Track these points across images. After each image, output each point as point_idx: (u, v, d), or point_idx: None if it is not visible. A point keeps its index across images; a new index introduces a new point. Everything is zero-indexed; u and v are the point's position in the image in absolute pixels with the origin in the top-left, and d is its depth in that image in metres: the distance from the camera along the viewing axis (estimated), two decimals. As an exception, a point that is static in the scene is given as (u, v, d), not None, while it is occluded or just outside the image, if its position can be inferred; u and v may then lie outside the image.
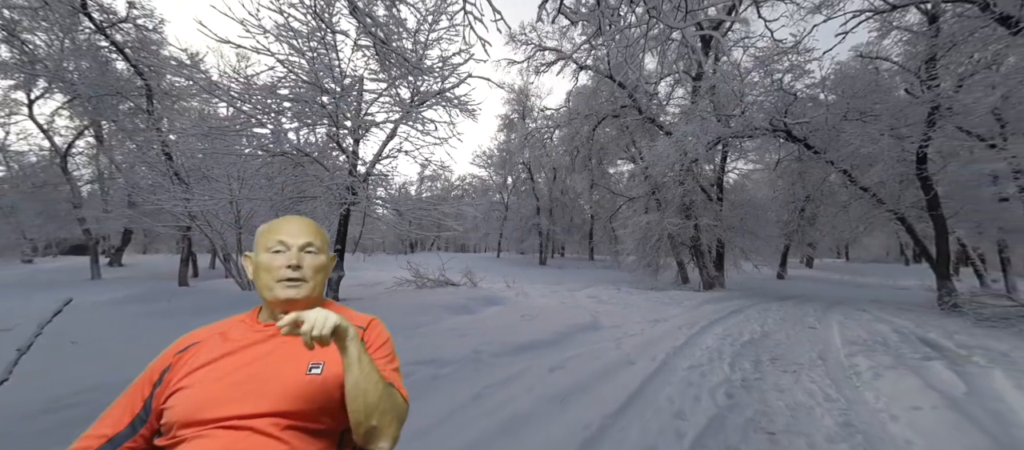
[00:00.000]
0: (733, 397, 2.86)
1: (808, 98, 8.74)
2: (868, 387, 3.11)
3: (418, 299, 6.74)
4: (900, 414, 2.49)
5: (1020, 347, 4.57)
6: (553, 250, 32.53)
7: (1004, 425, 2.39)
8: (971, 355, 4.19)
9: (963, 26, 6.56)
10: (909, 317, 6.65)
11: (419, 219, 7.08)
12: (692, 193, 11.45)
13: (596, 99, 13.93)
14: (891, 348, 4.44)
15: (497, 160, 25.55)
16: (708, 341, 4.67)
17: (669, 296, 9.01)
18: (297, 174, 6.37)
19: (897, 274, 20.11)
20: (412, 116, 6.95)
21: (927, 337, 5.20)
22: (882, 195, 8.91)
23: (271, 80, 5.71)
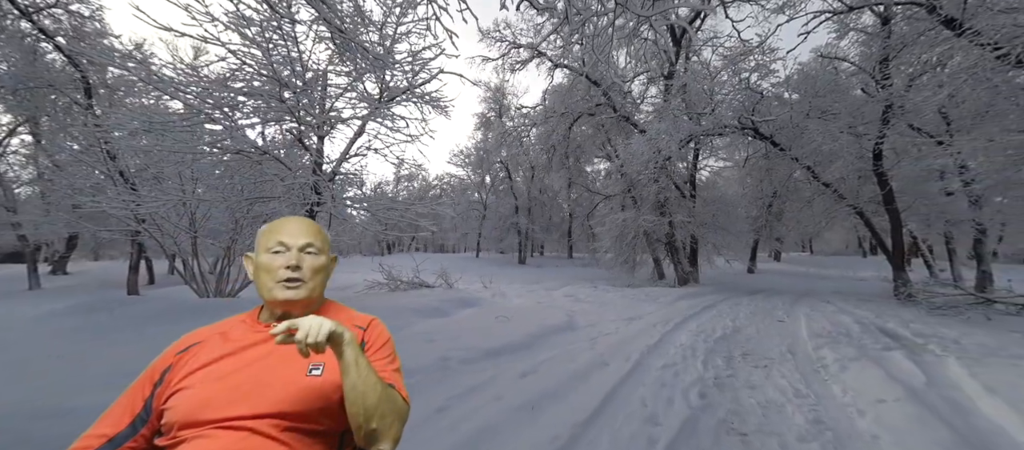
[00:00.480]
0: (706, 397, 2.81)
1: (774, 97, 9.01)
2: (835, 380, 3.14)
3: (389, 302, 6.47)
4: (866, 408, 2.50)
5: (968, 334, 4.81)
6: (532, 249, 32.59)
7: (963, 414, 2.43)
8: (927, 344, 4.35)
9: (912, 28, 6.89)
10: (869, 308, 6.93)
11: (392, 220, 6.80)
12: (666, 190, 11.63)
13: (572, 97, 13.94)
14: (854, 339, 4.57)
15: (474, 159, 25.27)
16: (682, 338, 4.66)
17: (645, 293, 9.08)
18: (256, 173, 5.96)
19: (856, 266, 21.26)
20: (381, 112, 6.66)
21: (886, 327, 5.41)
22: (843, 190, 9.30)
23: (224, 72, 5.30)
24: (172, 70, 5.01)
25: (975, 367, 3.22)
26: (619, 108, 12.24)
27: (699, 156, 13.30)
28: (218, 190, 6.18)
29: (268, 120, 5.87)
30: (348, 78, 6.41)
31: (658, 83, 13.72)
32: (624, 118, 12.41)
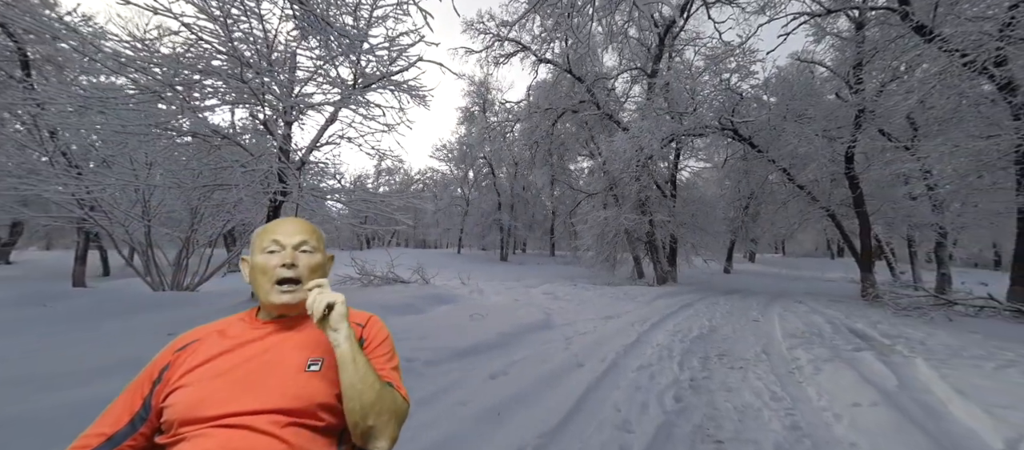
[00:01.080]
0: (681, 400, 2.69)
1: (753, 99, 9.11)
2: (810, 382, 3.09)
3: (361, 299, 6.17)
4: (842, 412, 2.43)
5: (933, 335, 4.93)
6: (515, 246, 32.50)
7: (936, 418, 2.39)
8: (895, 345, 4.41)
9: (884, 34, 7.04)
10: (839, 308, 7.09)
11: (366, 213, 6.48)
12: (647, 189, 11.66)
13: (556, 93, 13.80)
14: (826, 340, 4.60)
15: (457, 154, 24.85)
16: (659, 338, 4.58)
17: (624, 291, 9.05)
18: (215, 159, 5.54)
19: (825, 267, 22.08)
20: (354, 99, 6.33)
21: (855, 327, 5.50)
22: (816, 193, 9.51)
23: (179, 48, 4.86)
24: (117, 43, 4.55)
25: (943, 368, 3.23)
26: (603, 105, 12.18)
27: (680, 156, 13.41)
28: (173, 175, 5.71)
29: (229, 102, 5.47)
30: (319, 61, 6.05)
31: (641, 82, 13.76)
32: (607, 116, 12.37)
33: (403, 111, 7.01)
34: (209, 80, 4.82)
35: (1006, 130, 5.62)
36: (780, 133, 8.63)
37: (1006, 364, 3.41)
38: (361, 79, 6.53)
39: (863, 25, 7.58)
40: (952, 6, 5.68)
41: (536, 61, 13.53)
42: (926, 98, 6.21)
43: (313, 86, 6.34)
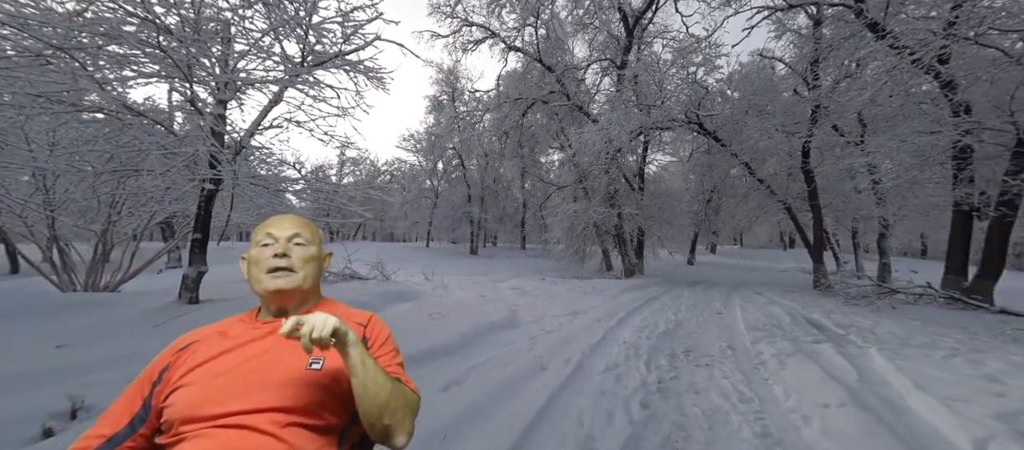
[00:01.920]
0: (649, 406, 2.51)
1: (717, 93, 9.23)
2: (776, 378, 3.01)
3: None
4: (811, 414, 2.33)
5: (880, 323, 5.14)
6: (485, 239, 32.17)
7: (898, 414, 2.35)
8: (848, 334, 4.53)
9: (838, 32, 7.26)
10: (795, 298, 7.34)
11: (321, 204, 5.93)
12: (616, 182, 11.67)
13: (525, 83, 13.50)
14: (786, 332, 4.65)
15: (425, 145, 24.00)
16: (626, 335, 4.44)
17: (592, 285, 8.99)
18: (130, 140, 4.79)
19: (778, 258, 23.42)
20: (302, 79, 5.72)
21: (811, 317, 5.66)
22: (774, 186, 9.83)
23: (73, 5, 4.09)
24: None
25: (896, 359, 3.27)
26: (573, 96, 12.02)
27: (648, 150, 13.55)
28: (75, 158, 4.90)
29: (147, 75, 4.73)
30: (259, 34, 5.38)
31: (611, 74, 13.73)
32: (578, 107, 12.23)
33: (360, 94, 6.48)
34: (113, 46, 4.10)
35: (946, 126, 5.92)
36: (743, 127, 8.81)
37: (951, 353, 3.52)
38: (310, 57, 5.92)
39: (820, 22, 7.81)
40: (901, 4, 5.88)
41: (505, 48, 13.14)
42: (876, 95, 6.44)
43: (254, 61, 5.67)
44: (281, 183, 6.00)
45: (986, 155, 6.19)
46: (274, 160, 7.05)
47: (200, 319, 4.41)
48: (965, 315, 5.71)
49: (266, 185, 5.66)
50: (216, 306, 4.86)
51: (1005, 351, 3.68)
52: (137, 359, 2.77)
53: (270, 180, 5.77)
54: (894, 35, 5.81)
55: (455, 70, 21.36)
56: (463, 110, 18.98)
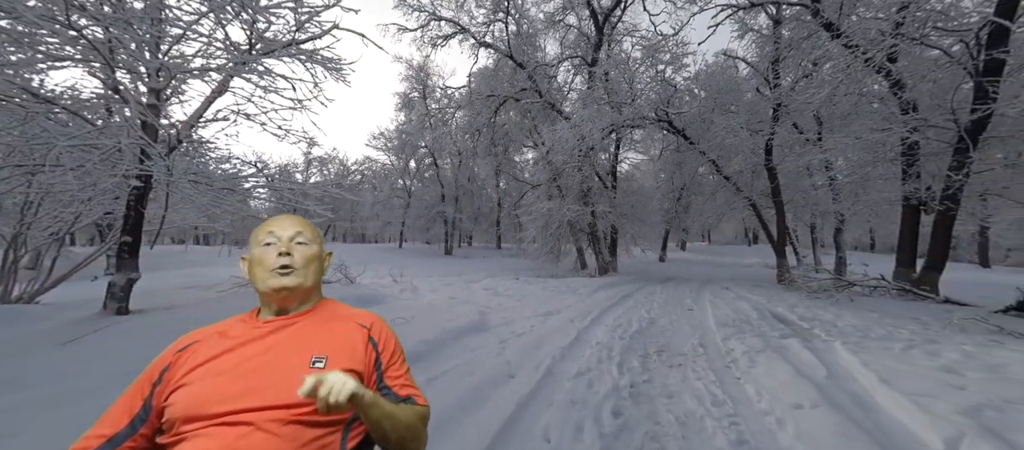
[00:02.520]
0: (621, 415, 2.35)
1: (685, 90, 9.37)
2: (747, 377, 2.95)
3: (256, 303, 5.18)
4: (785, 416, 2.25)
5: (841, 316, 5.29)
6: (460, 239, 31.72)
7: (867, 410, 2.31)
8: (813, 328, 4.61)
9: (797, 31, 7.50)
10: (761, 293, 7.51)
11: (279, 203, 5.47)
12: (589, 180, 11.67)
13: (497, 80, 13.28)
14: (754, 327, 4.69)
15: (396, 143, 23.28)
16: (599, 335, 4.32)
17: (566, 284, 8.90)
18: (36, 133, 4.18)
19: (743, 254, 24.40)
20: (250, 68, 5.24)
21: (776, 311, 5.77)
22: (740, 184, 10.10)
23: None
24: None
25: (860, 353, 3.30)
26: (545, 93, 11.91)
27: (620, 147, 13.66)
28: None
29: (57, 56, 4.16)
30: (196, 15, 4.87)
31: (583, 73, 13.75)
32: (550, 105, 12.14)
33: (318, 86, 6.05)
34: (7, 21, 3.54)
35: (896, 123, 6.21)
36: (710, 125, 8.98)
37: (908, 345, 3.60)
38: (259, 44, 5.45)
39: (780, 22, 8.06)
40: (854, 5, 6.11)
41: (476, 44, 12.87)
42: (834, 93, 6.67)
43: (194, 47, 5.14)
44: (229, 181, 5.48)
45: (931, 151, 6.56)
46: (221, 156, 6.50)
47: (127, 333, 3.90)
48: (915, 306, 6.00)
49: (209, 182, 5.14)
50: (149, 317, 4.34)
51: (956, 341, 3.82)
52: (18, 388, 2.32)
53: (215, 178, 5.24)
54: (847, 35, 6.02)
55: (426, 67, 20.84)
56: (434, 107, 18.53)
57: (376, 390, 0.78)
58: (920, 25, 5.32)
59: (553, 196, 12.52)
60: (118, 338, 3.55)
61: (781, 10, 7.80)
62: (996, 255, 22.37)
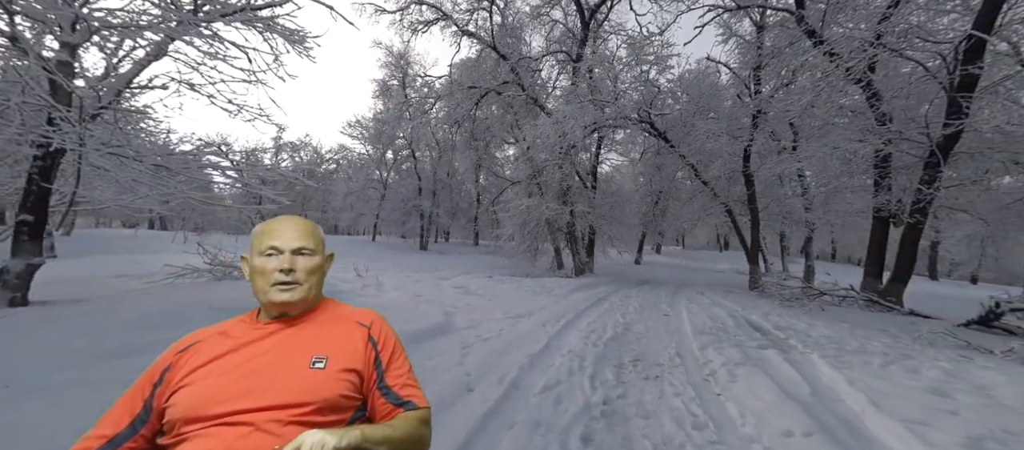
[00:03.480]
0: (591, 441, 2.04)
1: (668, 93, 9.27)
2: (728, 394, 2.71)
3: (199, 297, 4.58)
4: (774, 445, 1.99)
5: (813, 325, 5.23)
6: (437, 234, 31.04)
7: (860, 439, 2.10)
8: (788, 338, 4.49)
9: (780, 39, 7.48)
10: (734, 299, 7.47)
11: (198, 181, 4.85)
12: (569, 177, 11.45)
13: (479, 71, 12.83)
14: (731, 335, 4.52)
15: (373, 131, 22.35)
16: (571, 341, 4.02)
17: (541, 284, 8.61)
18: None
19: (716, 259, 24.98)
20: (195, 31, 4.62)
21: (751, 319, 5.67)
22: (717, 190, 10.12)
23: None
24: None
25: (841, 368, 3.14)
26: (528, 87, 11.57)
27: (602, 148, 13.52)
28: None
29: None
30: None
31: (567, 71, 13.50)
32: (532, 99, 11.81)
33: (278, 60, 5.47)
34: None
35: (871, 136, 6.25)
36: (691, 129, 8.91)
37: (885, 359, 3.49)
38: (207, 6, 4.85)
39: (763, 28, 8.04)
40: (836, 13, 6.09)
41: (458, 32, 12.36)
42: (815, 100, 6.66)
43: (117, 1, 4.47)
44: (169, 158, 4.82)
45: (903, 165, 6.67)
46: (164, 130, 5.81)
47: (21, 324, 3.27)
48: (882, 317, 6.05)
49: (139, 158, 4.49)
50: (49, 312, 3.70)
51: (929, 355, 3.75)
52: None
53: (145, 152, 4.59)
54: (830, 44, 5.99)
55: (406, 55, 20.08)
56: (413, 96, 17.84)
57: (376, 390, 0.78)
58: (900, 36, 5.32)
59: (533, 193, 12.23)
60: (7, 331, 2.94)
61: (765, 16, 7.79)
62: (941, 268, 23.89)
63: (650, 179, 15.48)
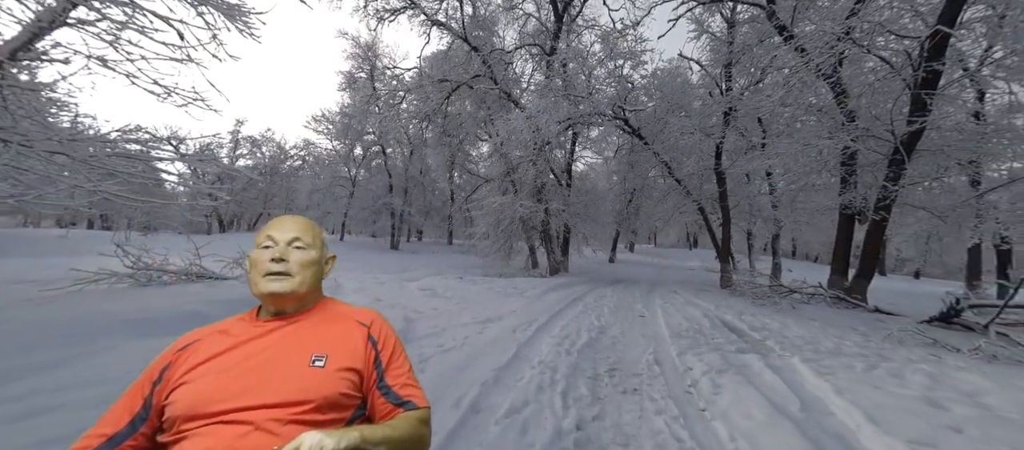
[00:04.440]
0: (560, 483, 1.68)
1: (642, 89, 9.16)
2: (714, 410, 2.44)
3: (111, 307, 3.90)
4: (773, 478, 1.71)
5: (786, 324, 5.15)
6: (409, 234, 30.12)
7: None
8: (765, 339, 4.35)
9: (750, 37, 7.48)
10: (708, 299, 7.40)
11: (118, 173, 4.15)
12: (544, 175, 11.18)
13: (450, 64, 12.32)
14: (707, 337, 4.34)
15: (340, 126, 21.24)
16: (543, 349, 3.67)
17: (514, 284, 8.25)
18: None
19: (686, 257, 25.57)
20: None
21: (725, 319, 5.55)
22: (690, 188, 10.12)
23: None
24: None
25: (824, 374, 2.97)
26: (500, 81, 11.18)
27: (576, 145, 13.34)
28: None
29: None
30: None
31: (540, 66, 13.22)
32: (506, 94, 11.44)
33: (216, 39, 4.82)
34: None
35: (838, 133, 6.30)
36: (664, 125, 8.82)
37: (868, 365, 3.35)
38: (122, -33, 4.16)
39: (734, 25, 8.05)
40: (806, 9, 6.09)
41: (428, 22, 11.79)
42: (784, 99, 6.65)
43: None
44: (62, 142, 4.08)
45: (868, 162, 6.79)
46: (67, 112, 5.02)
47: None
48: (850, 314, 6.11)
49: (27, 143, 3.75)
50: None
51: (904, 357, 3.68)
52: None
53: (36, 136, 3.84)
54: (799, 40, 5.97)
55: (374, 46, 19.19)
56: (382, 90, 17.02)
57: (376, 390, 0.78)
58: (869, 32, 5.35)
59: (507, 191, 11.86)
60: None
61: (736, 12, 7.78)
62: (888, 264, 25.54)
63: (624, 177, 15.49)
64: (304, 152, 29.96)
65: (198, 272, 5.52)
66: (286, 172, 31.12)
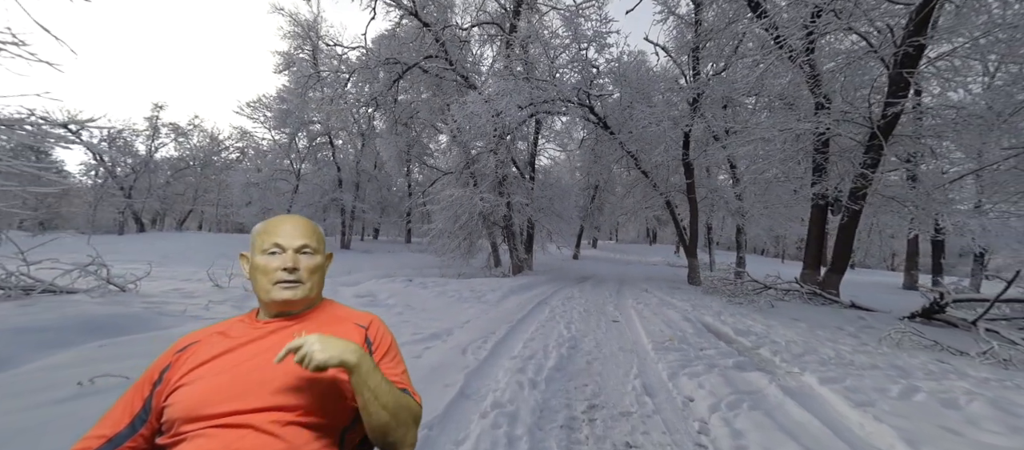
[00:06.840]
0: None
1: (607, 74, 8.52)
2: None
3: None
4: None
5: (771, 327, 4.67)
6: (364, 232, 28.10)
7: None
8: (758, 347, 3.77)
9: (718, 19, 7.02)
10: (681, 297, 6.86)
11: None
12: (506, 166, 10.28)
13: (398, 42, 11.06)
14: (694, 347, 3.68)
15: (277, 113, 18.98)
16: (500, 378, 2.76)
17: (471, 287, 7.26)
18: None
19: (647, 252, 25.84)
20: None
21: (705, 321, 5.00)
22: (657, 181, 9.66)
23: None
24: None
25: (864, 405, 2.32)
26: (456, 63, 10.12)
27: (539, 134, 12.58)
28: None
29: None
30: None
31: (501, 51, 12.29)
32: (462, 77, 10.39)
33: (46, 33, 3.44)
34: None
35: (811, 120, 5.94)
36: (631, 114, 8.25)
37: (903, 390, 2.79)
38: None
39: (701, 5, 7.61)
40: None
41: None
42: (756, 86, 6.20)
43: None
44: None
45: (841, 149, 6.54)
46: None
47: None
48: (828, 311, 5.77)
49: None
50: None
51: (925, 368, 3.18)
52: None
53: None
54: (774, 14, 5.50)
55: (316, 25, 17.27)
56: (326, 73, 15.25)
57: None
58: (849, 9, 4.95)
59: (467, 184, 10.83)
60: None
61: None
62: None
63: (587, 171, 14.98)
64: (242, 143, 26.91)
65: (27, 285, 4.00)
66: (220, 164, 27.85)
